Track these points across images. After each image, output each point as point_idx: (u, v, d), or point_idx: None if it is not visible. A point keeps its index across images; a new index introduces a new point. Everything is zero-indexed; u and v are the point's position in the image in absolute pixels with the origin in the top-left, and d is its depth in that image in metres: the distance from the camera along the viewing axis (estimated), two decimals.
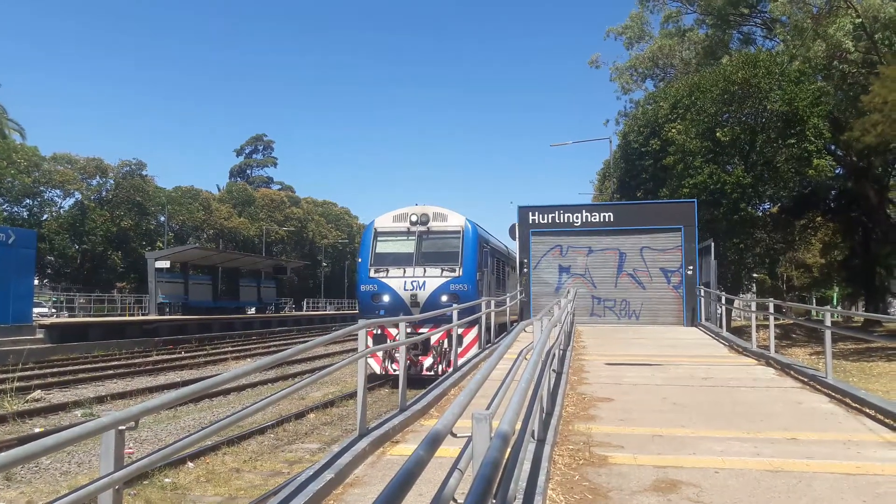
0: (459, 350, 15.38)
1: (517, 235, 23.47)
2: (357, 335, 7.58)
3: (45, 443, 2.95)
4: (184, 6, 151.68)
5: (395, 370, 16.62)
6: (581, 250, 22.85)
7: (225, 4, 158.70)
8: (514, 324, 20.87)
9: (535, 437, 5.89)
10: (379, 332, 16.01)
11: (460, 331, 14.73)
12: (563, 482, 5.39)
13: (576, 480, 5.45)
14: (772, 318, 14.38)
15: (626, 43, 37.83)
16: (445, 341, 16.60)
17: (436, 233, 18.03)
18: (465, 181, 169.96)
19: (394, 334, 15.39)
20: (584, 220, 22.85)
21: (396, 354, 15.53)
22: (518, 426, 3.86)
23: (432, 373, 16.32)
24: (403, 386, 8.39)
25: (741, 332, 24.90)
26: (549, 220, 23.02)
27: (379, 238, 18.26)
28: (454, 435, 3.10)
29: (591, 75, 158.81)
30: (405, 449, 6.78)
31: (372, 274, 17.81)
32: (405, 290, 17.39)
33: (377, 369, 17.25)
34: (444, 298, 16.84)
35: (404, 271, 17.61)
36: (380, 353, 16.82)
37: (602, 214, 23.02)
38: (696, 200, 22.94)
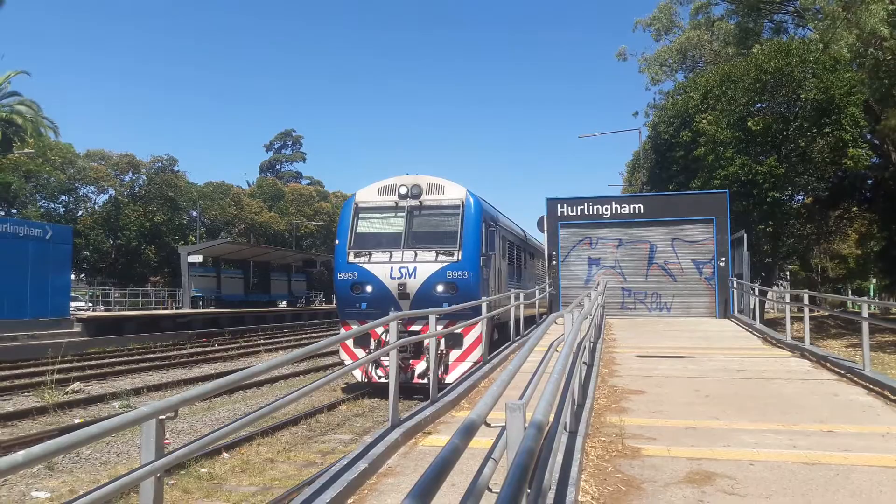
0: (456, 355, 14.26)
1: (545, 228, 23.37)
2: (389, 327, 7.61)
3: (90, 431, 3.03)
4: (214, 5, 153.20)
5: (380, 377, 14.21)
6: (611, 242, 22.70)
7: (254, 2, 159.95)
8: (543, 317, 20.79)
9: (567, 429, 5.89)
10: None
11: (458, 330, 12.64)
12: (596, 474, 5.39)
13: (608, 472, 5.44)
14: (806, 309, 14.17)
15: (654, 34, 37.45)
16: (443, 342, 14.08)
17: (430, 208, 14.88)
18: (494, 174, 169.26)
19: (379, 333, 13.35)
20: (613, 212, 22.68)
21: (384, 359, 12.65)
22: (550, 418, 3.87)
23: (425, 381, 12.21)
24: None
25: (775, 323, 24.55)
26: (578, 213, 22.89)
27: (361, 215, 15.18)
28: (488, 424, 3.12)
29: (618, 67, 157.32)
30: (437, 440, 6.82)
31: (351, 259, 14.76)
32: (391, 278, 14.34)
33: (358, 376, 14.61)
34: (440, 289, 14.09)
35: (390, 255, 14.52)
36: (361, 354, 14.17)
37: (632, 206, 22.84)
38: (727, 191, 22.63)
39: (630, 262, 22.58)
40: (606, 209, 22.75)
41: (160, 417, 3.54)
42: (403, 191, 14.92)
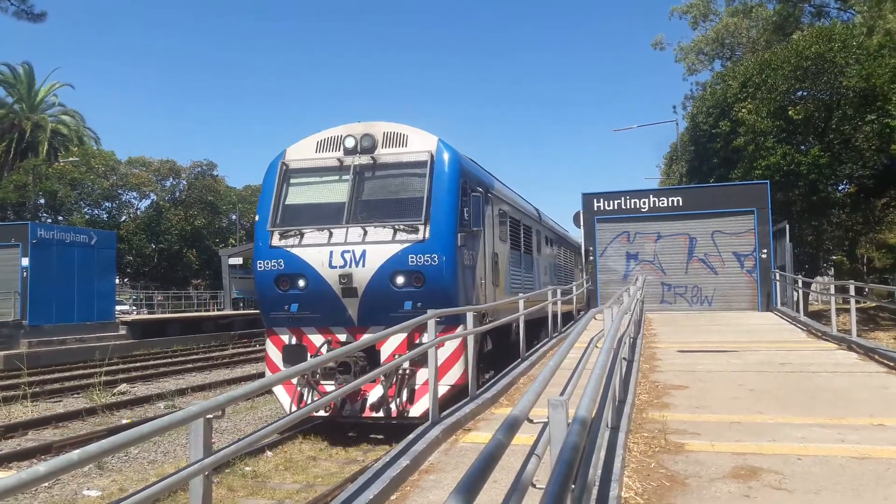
0: (426, 376, 8.48)
1: (581, 223, 23.20)
2: (427, 324, 7.63)
3: (142, 430, 3.11)
4: (246, 8, 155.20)
5: (320, 409, 8.91)
6: (649, 236, 22.43)
7: (287, 5, 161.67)
8: (581, 313, 20.65)
9: (609, 425, 5.85)
10: (293, 340, 10.56)
11: (425, 338, 8.28)
12: (639, 469, 5.34)
13: (652, 468, 5.39)
14: (853, 300, 13.84)
15: (690, 22, 36.94)
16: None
17: (387, 167, 10.67)
18: (528, 170, 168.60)
19: (316, 344, 10.37)
20: (651, 206, 22.42)
21: (327, 384, 9.95)
22: (593, 414, 3.85)
23: (380, 413, 9.73)
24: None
25: (819, 316, 24.04)
26: (615, 207, 22.67)
27: (292, 179, 11.03)
28: (531, 421, 3.12)
29: (653, 60, 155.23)
30: (477, 436, 6.83)
31: (275, 241, 10.55)
32: (331, 267, 10.12)
33: (286, 405, 10.23)
34: (400, 281, 9.94)
35: (330, 235, 10.28)
36: (294, 377, 9.64)
37: (670, 199, 22.54)
38: (768, 182, 22.19)
39: (669, 256, 22.29)
40: (644, 203, 22.49)
41: (208, 417, 3.61)
42: (350, 143, 10.72)
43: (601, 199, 22.80)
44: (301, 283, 10.36)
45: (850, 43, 24.32)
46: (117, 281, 43.30)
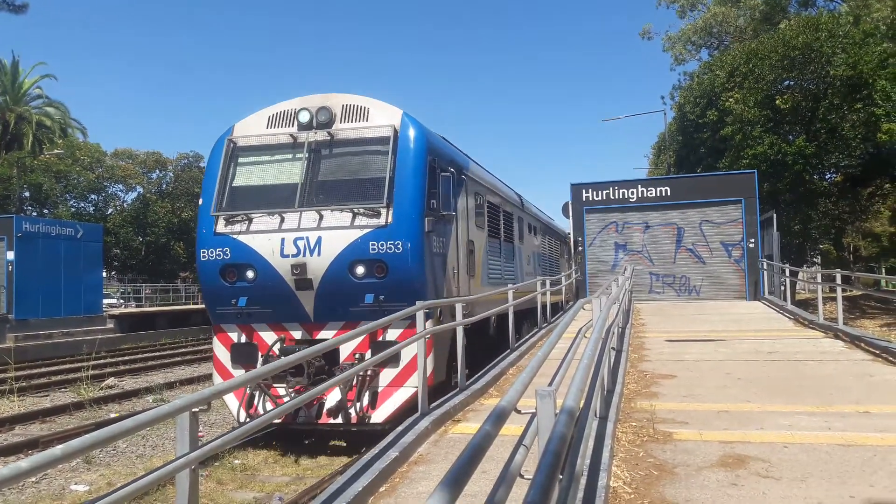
0: (390, 377, 8.83)
1: (570, 213, 23.23)
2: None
3: (126, 424, 3.08)
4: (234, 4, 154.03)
5: (269, 412, 6.47)
6: (637, 226, 22.50)
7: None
8: (569, 304, 20.70)
9: (598, 415, 5.86)
10: (242, 338, 9.49)
11: (394, 335, 8.72)
12: (628, 459, 5.36)
13: (640, 457, 5.41)
14: (839, 289, 13.95)
15: (678, 11, 36.97)
16: (369, 358, 8.29)
17: (346, 143, 9.57)
18: (516, 161, 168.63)
19: (268, 342, 9.30)
20: (639, 196, 22.48)
21: (282, 388, 8.87)
22: (581, 404, 3.86)
23: (339, 419, 8.67)
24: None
25: (806, 305, 24.21)
26: (604, 197, 22.71)
27: (240, 158, 9.94)
28: (518, 411, 3.12)
29: (641, 51, 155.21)
30: (467, 427, 6.84)
31: (221, 228, 9.48)
32: (283, 256, 9.11)
33: (234, 409, 9.23)
34: (360, 271, 8.93)
35: (281, 220, 9.26)
36: (246, 379, 6.88)
37: (658, 189, 22.61)
38: (756, 171, 22.29)
39: (657, 246, 22.37)
40: (632, 193, 22.54)
41: (194, 410, 3.58)
42: (305, 118, 9.65)
43: (590, 190, 22.83)
44: (249, 274, 9.30)
45: (837, 32, 24.42)
46: (104, 274, 43.03)
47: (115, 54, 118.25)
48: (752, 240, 21.30)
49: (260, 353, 9.26)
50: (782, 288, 20.04)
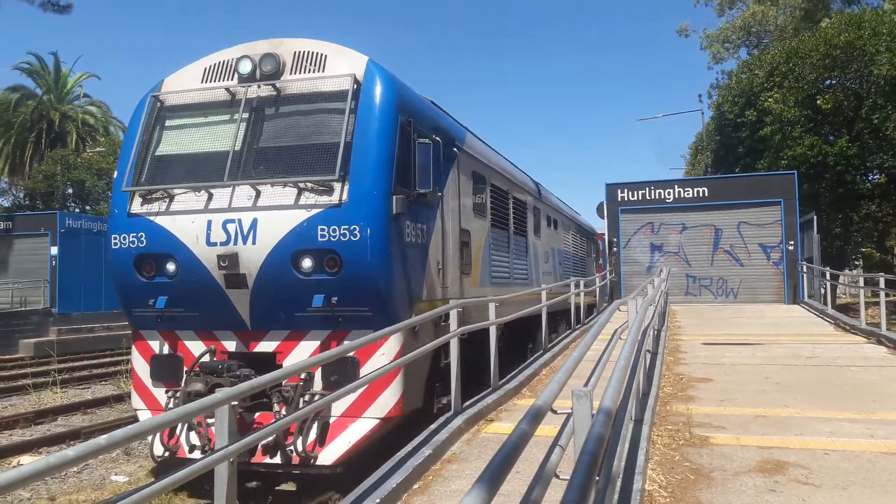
0: (345, 405, 6.81)
1: (605, 213, 23.03)
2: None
3: (167, 416, 3.14)
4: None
5: (196, 448, 6.76)
6: (674, 227, 22.22)
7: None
8: (604, 306, 20.52)
9: (633, 418, 5.81)
10: (165, 348, 7.58)
11: (352, 351, 6.08)
12: (663, 462, 5.31)
13: (676, 461, 5.35)
14: (882, 293, 13.61)
15: (717, 9, 36.44)
16: (318, 378, 6.96)
17: (296, 99, 7.54)
18: (551, 161, 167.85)
19: (195, 354, 7.38)
20: (676, 196, 22.20)
21: (214, 422, 4.01)
22: (617, 405, 3.83)
23: (277, 459, 6.69)
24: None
25: (847, 309, 23.67)
26: (640, 197, 22.47)
27: (166, 120, 7.99)
28: (554, 411, 3.11)
29: (678, 49, 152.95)
30: (500, 427, 6.83)
31: (136, 208, 7.56)
32: (209, 244, 7.15)
33: (157, 448, 6.96)
34: (306, 265, 6.96)
35: (209, 198, 7.30)
36: (164, 399, 7.38)
37: (696, 189, 22.30)
38: (795, 172, 21.87)
39: (694, 247, 22.07)
40: (669, 193, 22.27)
41: (233, 403, 3.63)
42: (246, 68, 7.63)
43: (625, 190, 22.61)
44: (170, 266, 7.34)
45: (881, 30, 23.81)
46: None
47: (152, 54, 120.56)
48: (792, 242, 20.91)
49: (185, 368, 7.32)
50: (822, 292, 19.62)
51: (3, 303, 25.98)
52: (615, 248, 22.48)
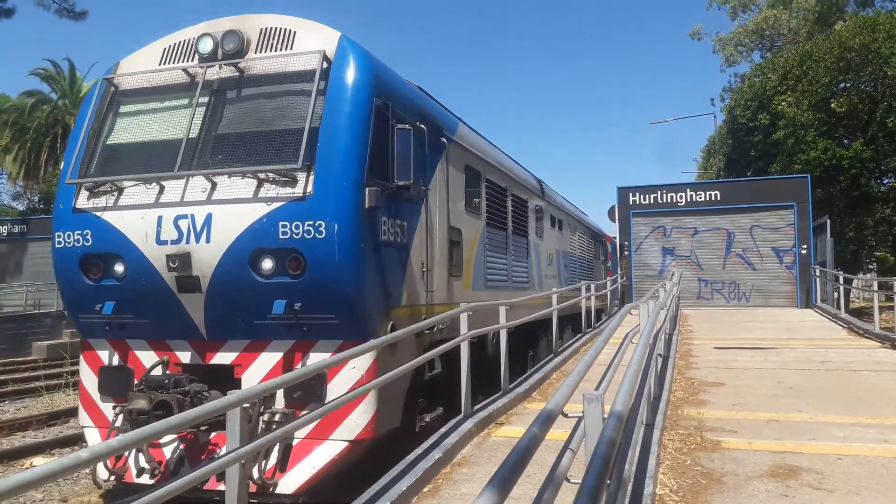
0: (311, 426, 5.83)
1: (616, 217, 22.98)
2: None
3: (179, 418, 3.16)
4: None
5: (145, 471, 6.08)
6: (686, 231, 22.15)
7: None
8: (614, 310, 20.45)
9: (644, 422, 5.79)
10: (114, 358, 6.93)
11: (317, 356, 6.13)
12: (675, 467, 5.28)
13: (687, 465, 5.33)
14: None
15: (730, 13, 36.34)
16: (280, 397, 6.15)
17: (259, 80, 6.84)
18: (562, 164, 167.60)
19: (146, 365, 6.66)
20: (688, 200, 22.13)
21: (168, 447, 6.33)
22: (628, 409, 3.82)
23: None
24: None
25: (861, 313, 23.48)
26: (651, 201, 22.41)
27: (121, 106, 7.30)
28: (565, 415, 3.10)
29: (690, 52, 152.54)
30: (510, 430, 6.82)
31: (82, 203, 6.83)
32: (159, 242, 6.40)
33: (102, 472, 6.18)
34: (266, 266, 6.19)
35: (160, 191, 6.58)
36: (112, 415, 6.54)
37: (708, 193, 22.23)
38: (808, 176, 21.75)
39: (706, 251, 21.99)
40: (681, 196, 22.20)
41: (244, 406, 3.65)
42: (207, 47, 6.92)
43: (637, 193, 22.56)
44: (118, 268, 6.62)
45: (895, 32, 23.65)
46: None
47: None
48: (805, 246, 20.79)
49: (135, 381, 6.53)
50: (836, 296, 19.49)
51: (16, 305, 26.20)
52: (626, 252, 22.42)
